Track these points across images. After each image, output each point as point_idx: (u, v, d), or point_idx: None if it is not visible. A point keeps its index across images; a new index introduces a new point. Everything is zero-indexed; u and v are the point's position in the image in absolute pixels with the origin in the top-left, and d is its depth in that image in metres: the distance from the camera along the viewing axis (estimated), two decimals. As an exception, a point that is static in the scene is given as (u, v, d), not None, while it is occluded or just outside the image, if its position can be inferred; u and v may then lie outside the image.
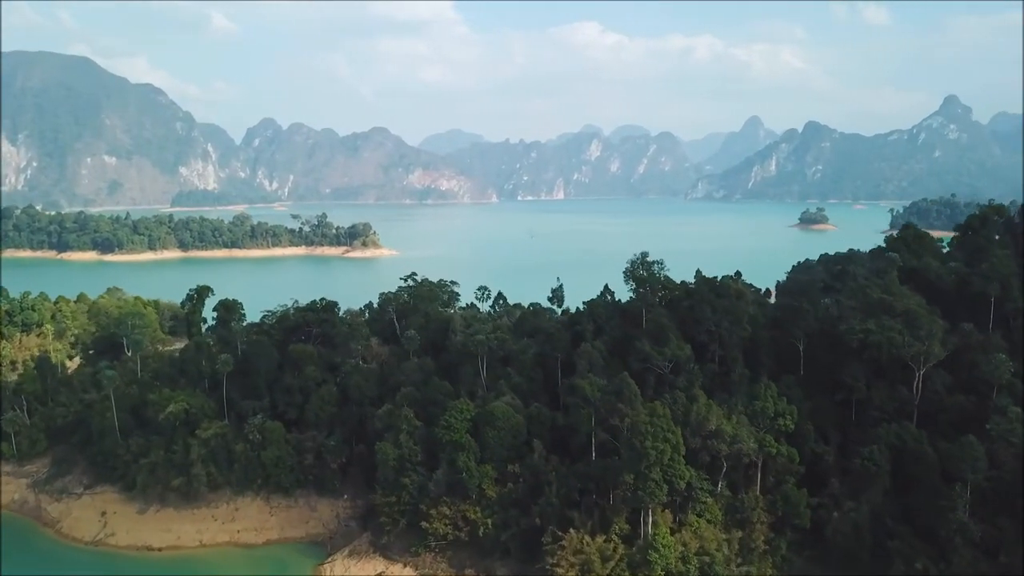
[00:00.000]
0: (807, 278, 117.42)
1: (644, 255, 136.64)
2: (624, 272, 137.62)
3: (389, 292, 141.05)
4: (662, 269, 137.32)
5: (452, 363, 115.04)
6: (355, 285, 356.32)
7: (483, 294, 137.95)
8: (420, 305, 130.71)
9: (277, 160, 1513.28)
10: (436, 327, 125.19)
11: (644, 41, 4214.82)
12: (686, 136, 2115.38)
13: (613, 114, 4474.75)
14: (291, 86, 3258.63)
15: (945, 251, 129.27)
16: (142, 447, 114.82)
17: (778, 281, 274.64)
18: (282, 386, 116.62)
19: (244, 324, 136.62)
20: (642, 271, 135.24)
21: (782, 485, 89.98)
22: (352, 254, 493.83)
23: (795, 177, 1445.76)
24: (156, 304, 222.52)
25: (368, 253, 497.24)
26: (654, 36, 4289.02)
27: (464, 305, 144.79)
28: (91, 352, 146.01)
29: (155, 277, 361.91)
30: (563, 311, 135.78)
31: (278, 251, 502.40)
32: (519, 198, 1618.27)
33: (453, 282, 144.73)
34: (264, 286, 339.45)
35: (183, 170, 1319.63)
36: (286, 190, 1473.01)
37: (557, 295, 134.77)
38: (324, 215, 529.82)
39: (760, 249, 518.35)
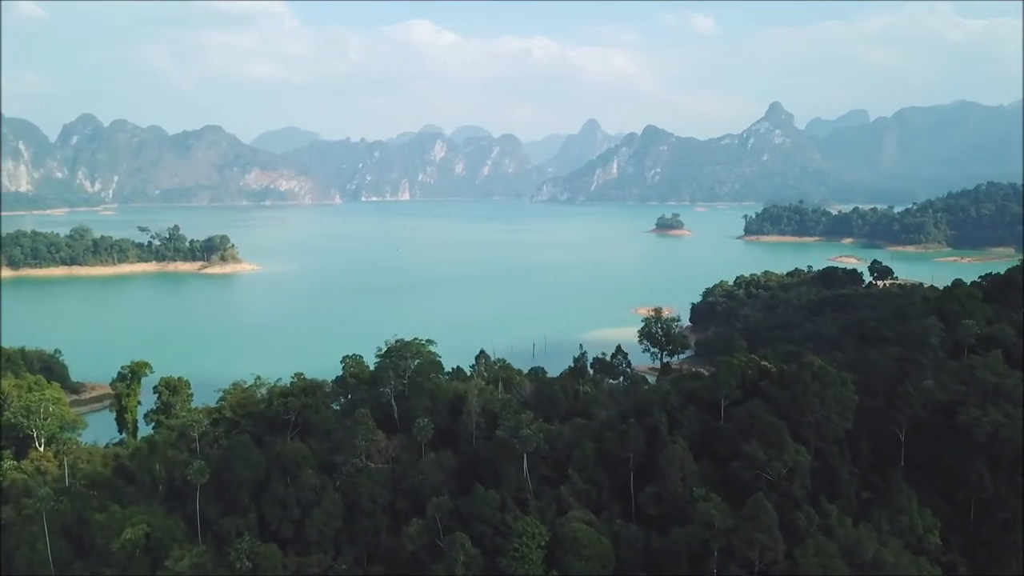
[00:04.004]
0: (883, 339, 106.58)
1: (658, 311, 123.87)
2: (639, 332, 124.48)
3: (358, 361, 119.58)
4: (678, 327, 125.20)
5: (481, 458, 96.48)
6: (245, 311, 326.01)
7: (484, 364, 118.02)
8: (423, 382, 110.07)
9: (99, 159, 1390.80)
10: (445, 407, 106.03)
11: (480, 42, 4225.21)
12: (526, 137, 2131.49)
13: (454, 114, 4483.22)
14: (112, 80, 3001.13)
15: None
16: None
17: (692, 304, 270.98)
18: (273, 497, 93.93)
19: (195, 409, 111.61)
20: (659, 330, 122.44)
21: (918, 607, 78.54)
22: (210, 270, 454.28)
23: (635, 180, 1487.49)
24: (22, 353, 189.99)
25: (228, 269, 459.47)
26: (489, 37, 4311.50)
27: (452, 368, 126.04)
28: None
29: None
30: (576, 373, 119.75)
31: (126, 268, 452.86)
32: (363, 199, 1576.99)
33: (430, 340, 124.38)
34: (138, 317, 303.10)
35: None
36: (110, 192, 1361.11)
37: (579, 363, 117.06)
38: (176, 227, 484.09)
39: (636, 258, 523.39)
